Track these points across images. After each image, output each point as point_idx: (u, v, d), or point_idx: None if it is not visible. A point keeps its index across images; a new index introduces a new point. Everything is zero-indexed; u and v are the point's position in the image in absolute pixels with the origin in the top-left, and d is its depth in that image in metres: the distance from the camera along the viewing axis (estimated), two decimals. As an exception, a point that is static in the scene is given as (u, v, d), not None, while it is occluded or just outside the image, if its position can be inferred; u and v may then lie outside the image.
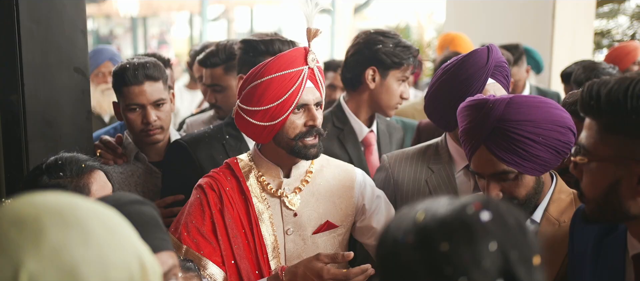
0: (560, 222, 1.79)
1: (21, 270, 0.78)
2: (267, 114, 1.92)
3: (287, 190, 2.03)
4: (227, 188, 2.02)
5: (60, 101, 2.30)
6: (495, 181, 1.75)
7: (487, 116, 1.72)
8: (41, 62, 2.23)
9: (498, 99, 1.74)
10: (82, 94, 2.35)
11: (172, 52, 18.39)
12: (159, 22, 20.22)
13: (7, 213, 0.83)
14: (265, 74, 1.91)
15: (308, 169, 2.08)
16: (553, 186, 1.84)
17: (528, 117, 1.70)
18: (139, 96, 2.39)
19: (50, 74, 2.26)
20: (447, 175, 2.21)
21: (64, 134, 2.32)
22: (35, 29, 2.20)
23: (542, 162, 1.72)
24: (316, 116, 1.96)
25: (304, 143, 1.96)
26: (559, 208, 1.81)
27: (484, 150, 1.74)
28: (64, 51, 2.29)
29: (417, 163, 2.26)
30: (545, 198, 1.82)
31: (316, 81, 1.96)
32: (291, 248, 2.03)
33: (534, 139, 1.69)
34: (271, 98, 1.90)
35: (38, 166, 1.81)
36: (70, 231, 0.83)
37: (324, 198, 2.07)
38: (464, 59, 2.12)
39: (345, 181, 2.11)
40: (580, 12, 6.24)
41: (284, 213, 2.03)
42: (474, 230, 0.94)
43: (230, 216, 1.99)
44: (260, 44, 2.46)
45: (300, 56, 1.93)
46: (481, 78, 2.07)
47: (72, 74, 2.31)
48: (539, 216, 1.81)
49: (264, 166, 2.05)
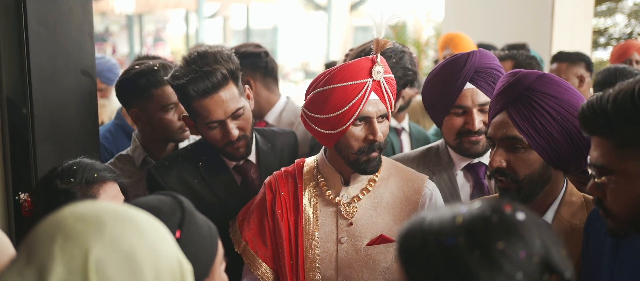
0: (571, 224, 1.80)
1: (90, 255, 0.93)
2: (328, 122, 1.89)
3: (345, 198, 2.00)
4: (283, 193, 2.01)
5: (67, 104, 2.29)
6: (503, 148, 1.77)
7: (518, 82, 1.76)
8: (48, 65, 2.22)
9: (532, 71, 1.80)
10: (90, 96, 2.35)
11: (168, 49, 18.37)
12: (154, 20, 20.17)
13: (71, 212, 0.99)
14: (329, 82, 1.88)
15: (372, 177, 2.02)
16: (564, 188, 1.85)
17: (554, 93, 1.73)
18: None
19: (57, 77, 2.26)
20: (448, 176, 2.26)
21: (72, 136, 2.31)
22: (42, 32, 2.19)
23: (553, 144, 1.73)
24: (377, 130, 1.90)
25: (367, 158, 1.92)
26: (570, 210, 1.82)
27: (504, 114, 1.77)
28: (71, 54, 2.28)
29: (419, 165, 2.29)
30: (557, 200, 1.83)
31: (382, 94, 1.90)
32: (343, 257, 1.98)
33: (553, 115, 1.72)
34: (332, 108, 1.86)
35: (54, 168, 1.82)
36: (126, 224, 0.98)
37: (384, 209, 2.00)
38: (444, 64, 2.18)
39: (410, 194, 2.02)
40: (578, 11, 6.27)
41: (339, 221, 1.99)
42: (521, 228, 1.01)
43: (278, 222, 1.99)
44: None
45: (365, 67, 1.87)
46: (456, 83, 2.11)
47: (79, 77, 2.31)
48: (551, 218, 1.82)
49: (326, 171, 2.03)
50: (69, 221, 0.96)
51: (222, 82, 2.12)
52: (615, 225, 1.42)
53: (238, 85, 2.20)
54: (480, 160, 2.26)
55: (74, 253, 0.93)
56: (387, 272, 2.00)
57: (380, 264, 1.99)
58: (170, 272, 1.00)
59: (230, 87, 2.15)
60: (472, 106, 2.12)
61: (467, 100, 2.12)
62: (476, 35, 5.47)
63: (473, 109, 2.12)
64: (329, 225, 1.99)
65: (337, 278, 1.99)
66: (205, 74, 2.09)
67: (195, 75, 2.11)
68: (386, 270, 2.00)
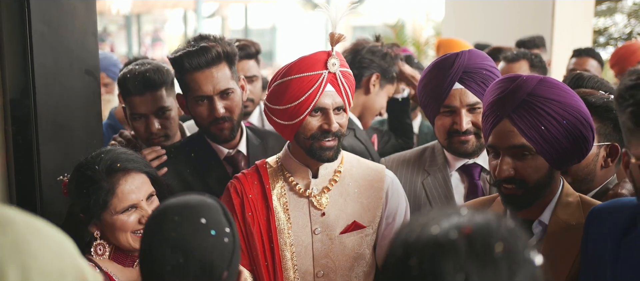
0: (568, 223, 1.80)
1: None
2: (286, 113, 1.95)
3: (315, 190, 2.04)
4: (250, 195, 2.04)
5: (71, 104, 2.30)
6: (510, 156, 1.76)
7: (519, 88, 1.75)
8: (52, 64, 2.23)
9: (532, 75, 1.79)
10: (93, 96, 2.35)
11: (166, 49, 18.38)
12: (153, 20, 20.20)
13: None
14: (287, 74, 1.94)
15: (336, 169, 2.08)
16: (560, 189, 1.85)
17: (558, 97, 1.73)
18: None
19: (61, 77, 2.26)
20: (443, 177, 2.27)
21: (75, 136, 2.32)
22: (46, 32, 2.19)
23: (559, 148, 1.73)
24: (332, 120, 1.96)
25: (320, 145, 1.97)
26: (566, 210, 1.82)
27: (506, 122, 1.76)
28: (74, 54, 2.28)
29: (414, 166, 2.32)
30: (553, 201, 1.83)
31: (338, 86, 1.96)
32: (318, 248, 2.04)
33: (559, 120, 1.71)
34: (290, 98, 1.92)
35: (88, 155, 1.92)
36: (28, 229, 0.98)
37: (352, 198, 2.07)
38: (434, 64, 2.22)
39: (374, 182, 2.10)
40: (579, 11, 6.29)
41: (312, 213, 2.04)
42: (521, 236, 0.99)
43: (250, 226, 2.01)
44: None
45: (321, 59, 1.94)
46: (444, 83, 2.13)
47: (83, 76, 2.31)
48: (547, 218, 1.82)
49: (293, 166, 2.06)
50: None
51: (215, 59, 2.24)
52: None
53: (232, 69, 2.31)
54: (476, 161, 2.27)
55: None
56: (360, 258, 2.07)
57: (354, 251, 2.05)
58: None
59: (223, 67, 2.27)
60: (461, 106, 2.15)
61: (455, 100, 2.14)
62: (476, 35, 5.50)
63: (461, 109, 2.15)
64: (302, 218, 2.04)
65: (314, 270, 2.03)
66: (202, 49, 2.23)
67: (192, 48, 2.24)
68: (360, 256, 2.06)
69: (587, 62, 4.29)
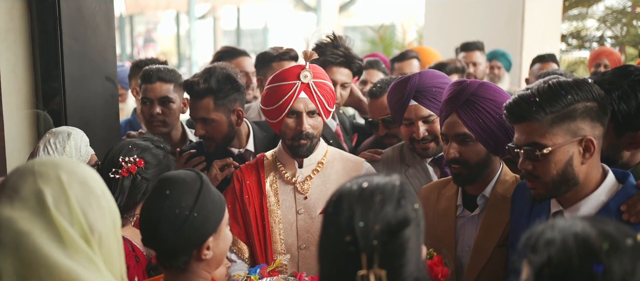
0: (504, 197, 2.24)
1: (61, 177, 1.34)
2: (271, 113, 2.37)
3: (300, 178, 2.44)
4: (248, 182, 2.46)
5: (94, 105, 2.73)
6: (456, 142, 2.20)
7: (464, 90, 2.19)
8: (79, 72, 2.66)
9: (475, 81, 2.24)
10: (112, 98, 2.79)
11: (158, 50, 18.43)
12: (145, 21, 20.10)
13: (31, 163, 1.38)
14: (271, 82, 2.38)
15: (320, 161, 2.47)
16: (500, 170, 2.30)
17: (493, 97, 2.18)
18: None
19: (86, 83, 2.70)
20: (422, 168, 2.70)
21: (98, 131, 2.73)
22: (74, 46, 2.62)
23: (493, 136, 2.17)
24: (303, 122, 2.34)
25: (294, 143, 2.38)
26: (503, 187, 2.27)
27: (454, 116, 2.20)
28: (97, 63, 2.71)
29: (396, 160, 2.74)
30: (494, 179, 2.28)
31: (311, 94, 2.34)
32: (301, 226, 2.42)
33: (493, 115, 2.15)
34: (272, 101, 2.35)
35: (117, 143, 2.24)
36: (75, 164, 1.41)
37: (333, 184, 2.41)
38: (393, 85, 2.65)
39: (352, 172, 2.44)
40: (547, 16, 6.66)
41: (296, 197, 2.44)
42: None
43: (247, 206, 2.42)
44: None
45: (295, 72, 2.34)
46: (402, 101, 2.56)
47: (104, 82, 2.75)
48: (489, 192, 2.27)
49: (284, 159, 2.47)
50: (34, 167, 1.36)
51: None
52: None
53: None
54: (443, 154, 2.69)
55: (50, 175, 1.33)
56: None
57: None
58: (108, 196, 1.43)
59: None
60: (416, 119, 2.55)
61: (411, 114, 2.56)
62: (456, 39, 5.76)
63: (417, 121, 2.56)
64: (288, 201, 2.43)
65: (298, 243, 2.42)
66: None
67: None
68: None
69: (550, 66, 4.76)
